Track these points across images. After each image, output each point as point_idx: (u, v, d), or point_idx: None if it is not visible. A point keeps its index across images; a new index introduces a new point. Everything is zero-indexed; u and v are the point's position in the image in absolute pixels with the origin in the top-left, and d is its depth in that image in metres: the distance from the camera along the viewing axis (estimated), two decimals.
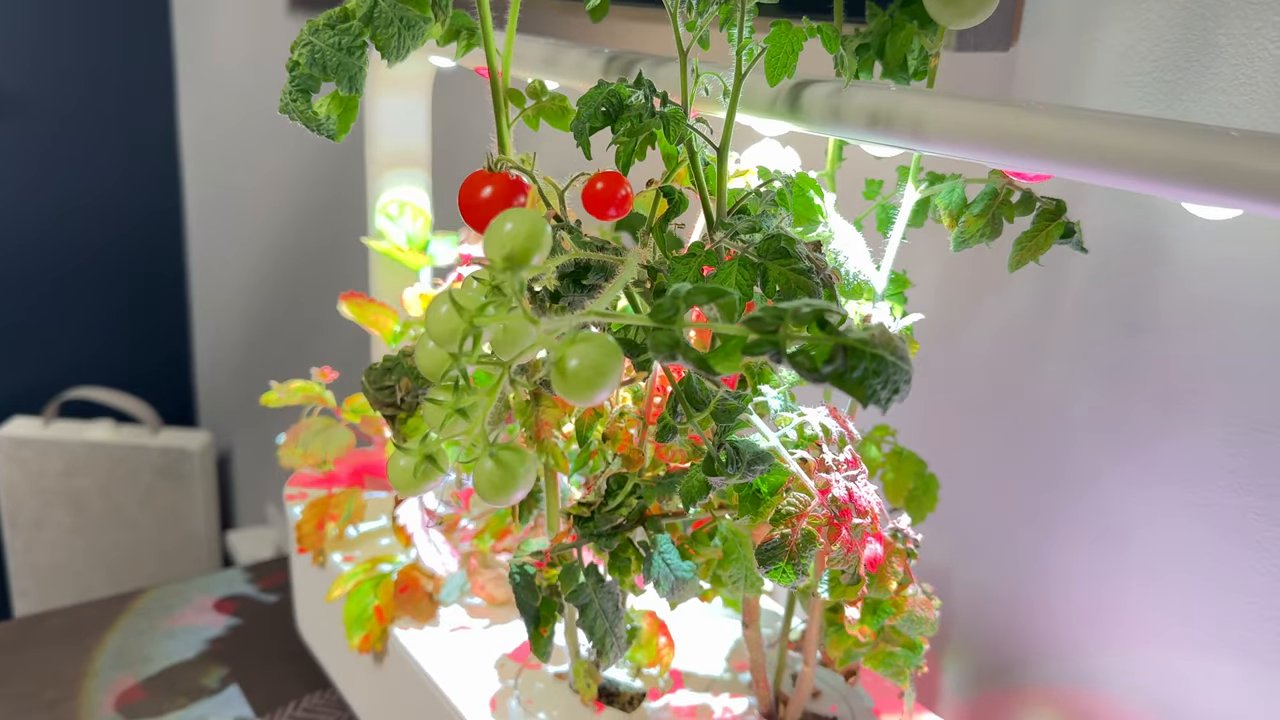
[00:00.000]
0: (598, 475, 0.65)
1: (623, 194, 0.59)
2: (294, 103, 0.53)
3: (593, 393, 0.38)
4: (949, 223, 0.57)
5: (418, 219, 1.02)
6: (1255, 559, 0.64)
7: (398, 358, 0.69)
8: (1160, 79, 0.65)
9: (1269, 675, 0.64)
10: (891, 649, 0.66)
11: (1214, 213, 0.45)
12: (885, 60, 0.53)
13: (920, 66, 0.57)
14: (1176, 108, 0.64)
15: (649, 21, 0.96)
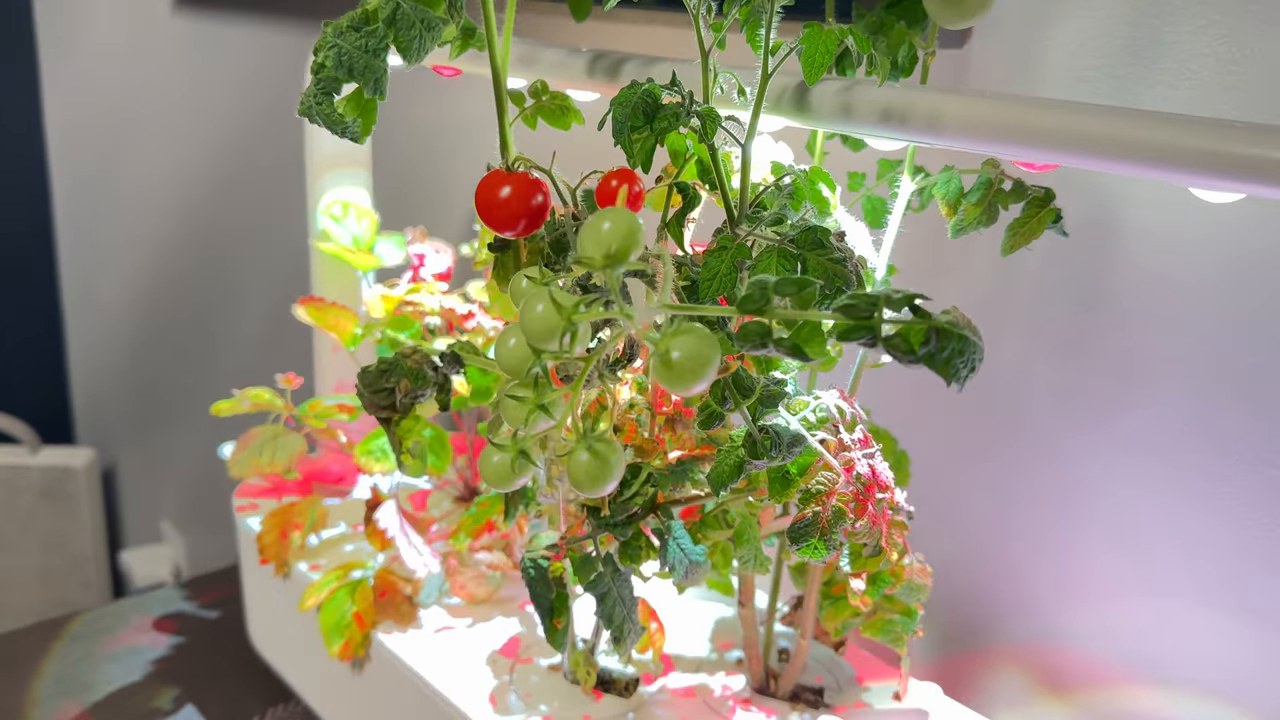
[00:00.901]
0: None
1: (637, 191, 0.61)
2: (319, 105, 0.53)
3: (696, 382, 0.39)
4: (947, 212, 0.60)
5: (363, 220, 1.00)
6: (1212, 520, 0.70)
7: (396, 359, 0.69)
8: (1110, 74, 0.70)
9: (1227, 625, 0.70)
10: (890, 616, 0.70)
11: (1218, 197, 0.50)
12: None
13: (907, 64, 0.61)
14: (1126, 101, 0.69)
15: (622, 22, 0.97)
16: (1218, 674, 0.71)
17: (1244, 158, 0.45)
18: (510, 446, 0.43)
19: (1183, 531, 0.71)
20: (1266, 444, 0.67)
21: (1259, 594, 0.69)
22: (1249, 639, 0.70)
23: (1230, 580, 0.70)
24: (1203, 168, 0.46)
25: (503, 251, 0.67)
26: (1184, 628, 0.73)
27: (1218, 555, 0.70)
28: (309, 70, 0.54)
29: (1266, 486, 0.67)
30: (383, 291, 0.92)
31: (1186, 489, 0.71)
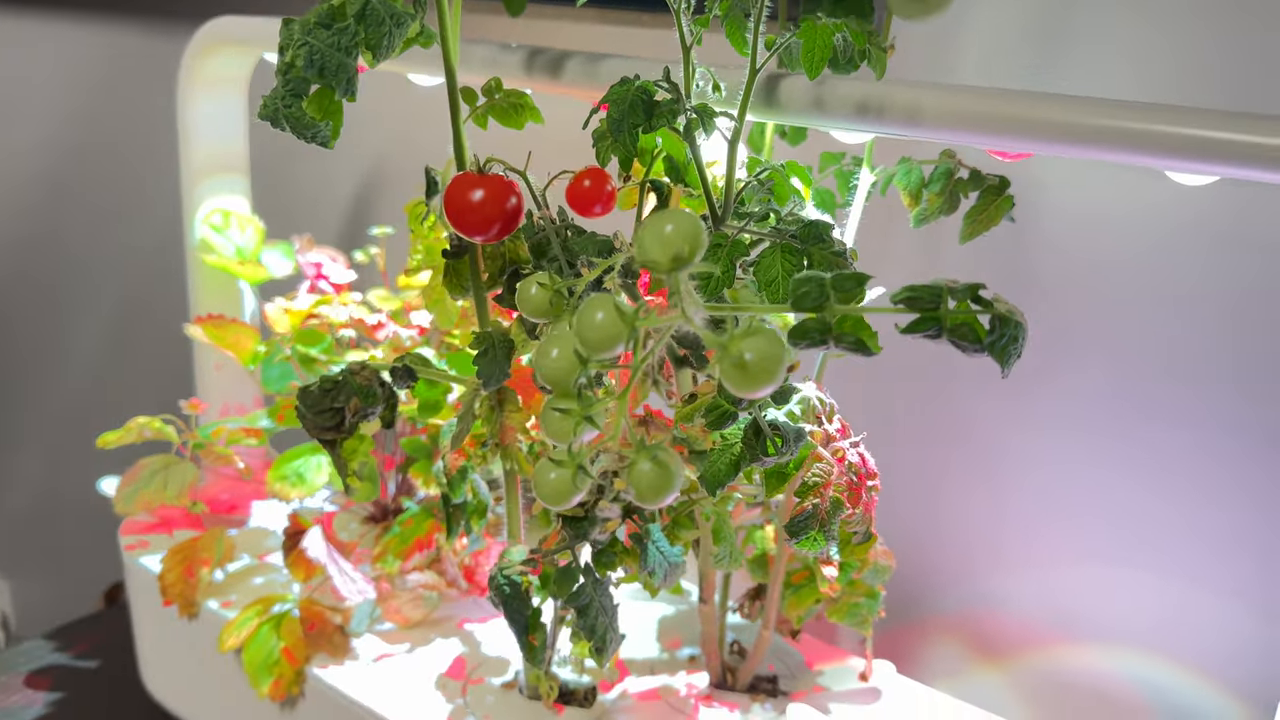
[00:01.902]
0: None
1: (609, 190, 0.59)
2: (287, 108, 0.49)
3: (769, 382, 0.39)
4: (909, 202, 0.62)
5: (246, 228, 0.94)
6: (1133, 484, 0.75)
7: (344, 377, 0.65)
8: (1025, 60, 0.73)
9: (1149, 582, 0.75)
10: (855, 600, 0.71)
11: (1190, 179, 0.53)
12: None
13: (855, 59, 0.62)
14: (1040, 86, 0.73)
15: (560, 20, 0.94)
16: (1143, 629, 0.76)
17: (1218, 142, 0.48)
18: (569, 462, 0.41)
19: (1108, 497, 0.76)
20: (1188, 411, 0.72)
21: (1180, 552, 0.74)
22: (1173, 594, 0.75)
23: (1153, 540, 0.75)
24: (1177, 152, 0.49)
25: (457, 258, 0.64)
26: (1110, 587, 0.77)
27: (1142, 518, 0.75)
28: (277, 72, 0.50)
29: (1187, 451, 0.72)
30: (285, 305, 0.87)
31: (1111, 456, 0.75)
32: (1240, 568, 0.71)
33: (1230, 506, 0.71)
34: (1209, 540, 0.72)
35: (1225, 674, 0.73)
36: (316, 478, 0.84)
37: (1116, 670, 0.78)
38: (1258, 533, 0.70)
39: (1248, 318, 0.68)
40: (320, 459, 0.85)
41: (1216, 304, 0.69)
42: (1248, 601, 0.71)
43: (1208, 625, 0.73)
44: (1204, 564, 0.73)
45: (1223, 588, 0.72)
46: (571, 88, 0.67)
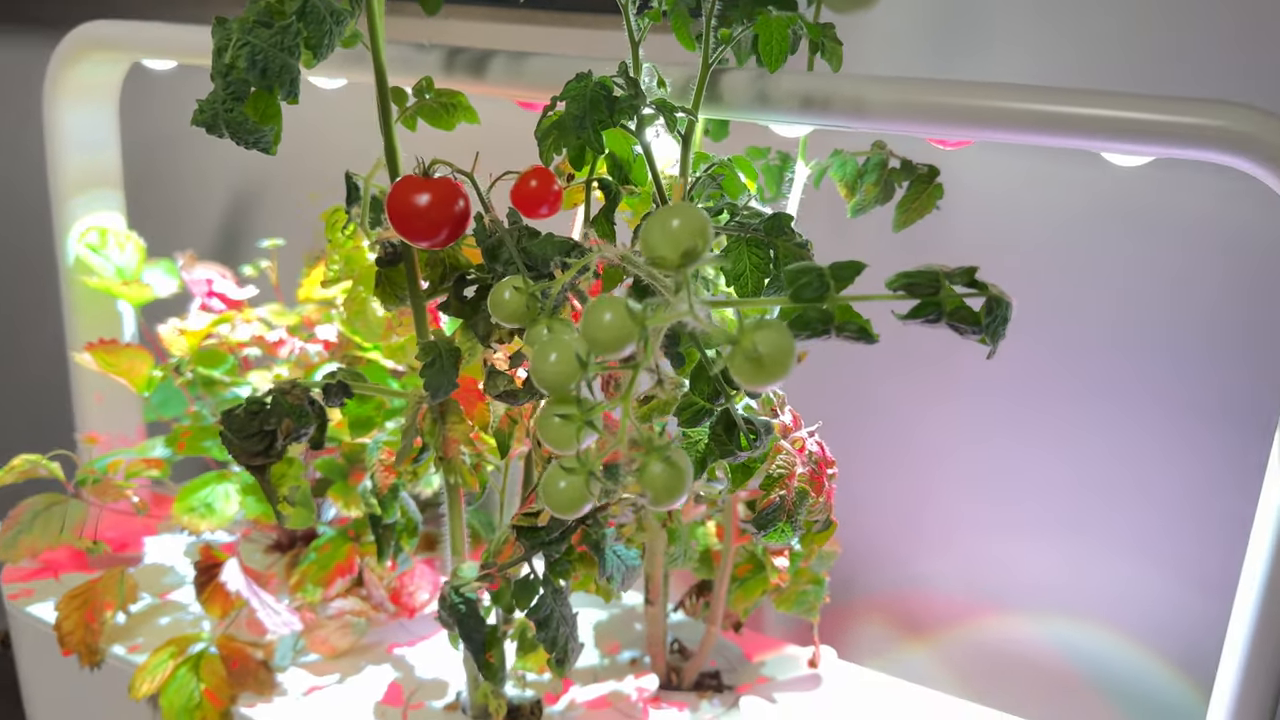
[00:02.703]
0: (531, 487, 0.63)
1: (556, 190, 0.58)
2: (228, 112, 0.46)
3: (781, 375, 0.38)
4: (846, 193, 0.63)
5: (126, 246, 0.88)
6: (1041, 454, 0.78)
7: (274, 397, 0.61)
8: (931, 45, 0.76)
9: (1068, 548, 0.79)
10: (802, 588, 0.72)
11: (1125, 160, 0.55)
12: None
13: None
14: (946, 69, 0.75)
15: (471, 20, 0.91)
16: (1059, 594, 0.80)
17: (1154, 123, 0.51)
18: (580, 469, 0.40)
19: (1017, 468, 0.79)
20: (1094, 382, 0.76)
21: (1092, 518, 0.78)
22: (1086, 560, 0.79)
23: (1080, 512, 0.78)
24: (1114, 134, 0.52)
25: (392, 266, 0.62)
26: (1027, 557, 0.81)
27: (1054, 486, 0.78)
28: (213, 72, 0.46)
29: (1095, 421, 0.76)
30: (180, 326, 0.81)
31: (1016, 429, 0.79)
32: (1175, 538, 0.75)
33: (1161, 479, 0.75)
34: (1139, 511, 0.76)
35: (1157, 640, 0.77)
36: (226, 507, 0.79)
37: (1046, 639, 0.81)
38: (1189, 504, 0.75)
39: (1176, 293, 0.72)
40: (228, 487, 0.80)
41: (1139, 280, 0.72)
42: (1181, 571, 0.75)
43: (1141, 594, 0.77)
44: (1137, 535, 0.77)
45: (1158, 558, 0.76)
46: (495, 87, 0.65)
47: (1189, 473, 0.73)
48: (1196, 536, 0.74)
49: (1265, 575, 0.54)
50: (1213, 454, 0.72)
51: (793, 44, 0.55)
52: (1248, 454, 0.71)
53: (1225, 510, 0.73)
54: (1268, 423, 0.69)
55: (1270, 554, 0.53)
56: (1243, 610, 0.56)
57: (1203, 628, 0.74)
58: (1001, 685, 0.83)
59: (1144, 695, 0.78)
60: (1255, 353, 0.69)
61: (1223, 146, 0.49)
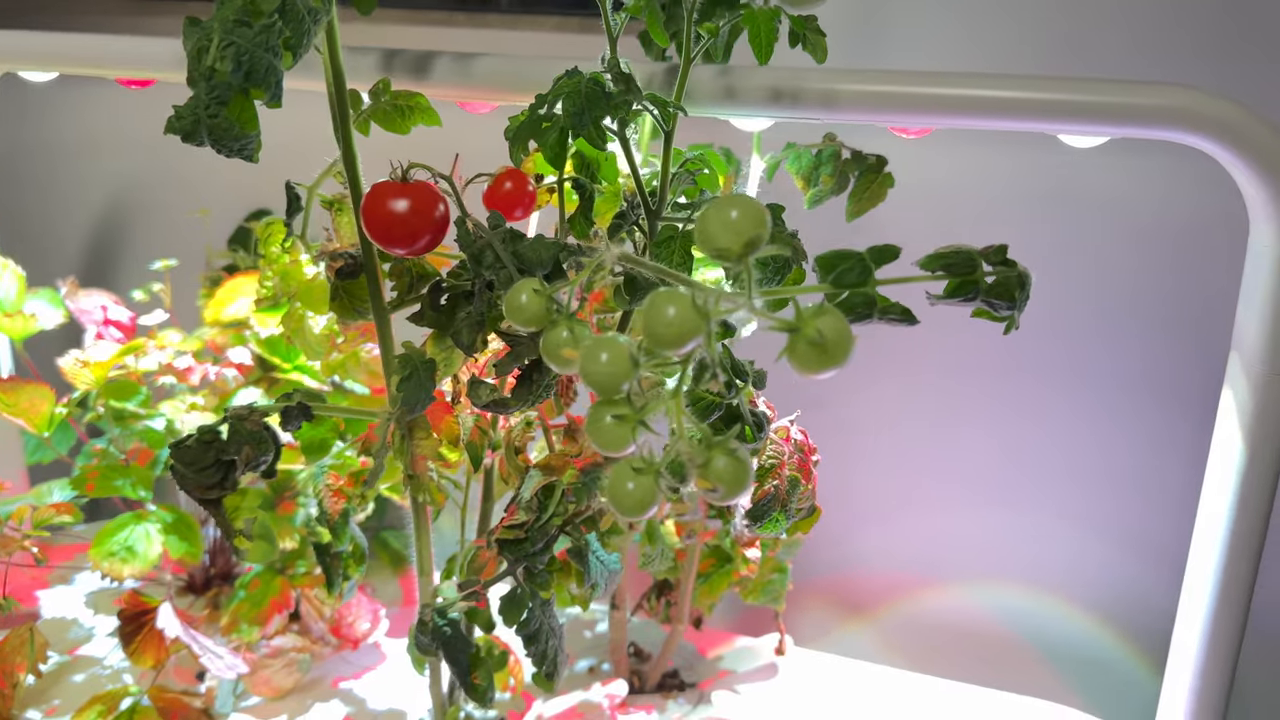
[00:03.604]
0: (511, 499, 0.61)
1: (530, 191, 0.57)
2: (211, 118, 0.43)
3: (843, 360, 0.39)
4: (803, 184, 0.64)
5: (3, 275, 0.81)
6: (973, 431, 0.82)
7: (232, 425, 0.57)
8: (848, 34, 0.78)
9: (1001, 519, 0.82)
10: (768, 577, 0.73)
11: (1080, 141, 0.58)
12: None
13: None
14: (864, 60, 0.78)
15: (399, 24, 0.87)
16: (993, 564, 0.84)
17: (1111, 105, 0.54)
18: (648, 469, 0.39)
19: (953, 446, 0.83)
20: (1023, 358, 0.80)
21: (1013, 486, 0.82)
22: (1019, 530, 0.83)
23: (998, 481, 0.82)
24: (1070, 116, 0.54)
25: (352, 278, 0.59)
26: (962, 530, 0.84)
27: (986, 461, 0.82)
28: (192, 75, 0.43)
29: (1025, 395, 0.80)
30: (82, 358, 0.75)
31: (935, 406, 0.82)
32: (1101, 503, 0.80)
33: (1090, 449, 0.79)
34: (1069, 480, 0.80)
35: (1088, 599, 0.82)
36: (149, 549, 0.73)
37: (983, 607, 0.85)
38: (1116, 471, 0.79)
39: (1100, 273, 0.76)
40: (148, 527, 0.74)
41: (1064, 261, 0.76)
42: (1110, 534, 0.80)
43: (1072, 558, 0.81)
44: (1067, 503, 0.81)
45: (1089, 524, 0.81)
46: (440, 89, 0.63)
47: (1116, 442, 0.78)
48: (1123, 501, 0.79)
49: (1224, 543, 0.57)
50: (1138, 424, 0.77)
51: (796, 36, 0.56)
52: (1173, 424, 0.76)
53: (1149, 475, 0.78)
54: (1188, 392, 0.74)
55: (1228, 523, 0.57)
56: (1199, 580, 0.60)
57: (1133, 585, 0.79)
58: (944, 655, 0.86)
59: (1077, 652, 0.82)
60: (1174, 326, 0.75)
61: (1177, 126, 0.52)
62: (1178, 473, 0.77)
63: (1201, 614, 0.60)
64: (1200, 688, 0.61)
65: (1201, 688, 0.61)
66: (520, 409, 0.55)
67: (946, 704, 0.77)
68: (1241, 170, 0.52)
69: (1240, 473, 0.56)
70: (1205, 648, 0.60)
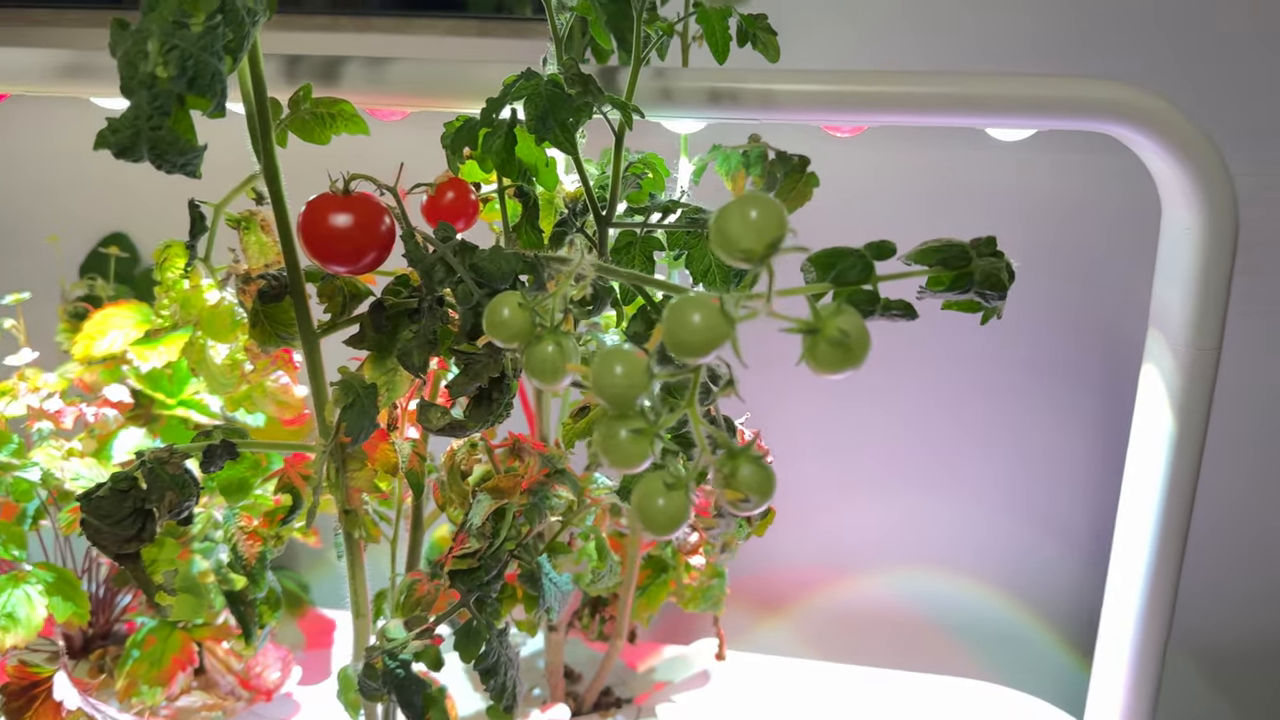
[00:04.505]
0: (459, 527, 0.58)
1: (474, 201, 0.54)
2: (154, 130, 0.38)
3: (862, 358, 0.38)
4: (732, 185, 0.63)
5: None
6: (880, 419, 0.83)
7: (150, 468, 0.52)
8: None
9: (900, 506, 0.85)
10: (707, 583, 0.72)
11: (1008, 134, 0.60)
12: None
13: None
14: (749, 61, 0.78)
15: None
16: (904, 550, 0.86)
17: (1041, 98, 0.56)
18: (679, 483, 0.37)
19: (860, 436, 0.84)
20: (907, 347, 0.82)
21: (922, 472, 0.84)
22: (921, 514, 0.85)
23: (898, 466, 0.84)
24: (1003, 110, 0.56)
25: (275, 301, 0.54)
26: (867, 518, 0.86)
27: (892, 448, 0.84)
28: (129, 84, 0.38)
29: (916, 381, 0.82)
30: None
31: (840, 394, 0.84)
32: (1027, 490, 0.83)
33: (996, 431, 0.82)
34: (976, 463, 0.83)
35: (1000, 579, 0.84)
36: (33, 614, 0.66)
37: (895, 593, 0.87)
38: (1023, 452, 0.82)
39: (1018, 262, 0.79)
40: (28, 589, 0.67)
41: None
42: (1018, 513, 0.83)
43: (983, 539, 0.84)
44: (974, 484, 0.83)
45: (995, 504, 0.83)
46: (351, 96, 0.59)
47: (1023, 425, 0.81)
48: (1029, 481, 0.82)
49: (1157, 512, 0.60)
50: (1044, 406, 0.81)
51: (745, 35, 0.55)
52: (1079, 405, 0.80)
53: (1055, 455, 0.81)
54: (1091, 374, 0.78)
55: (1160, 493, 0.60)
56: (1129, 553, 0.63)
57: (1042, 562, 0.83)
58: (867, 643, 0.87)
59: (993, 630, 0.85)
60: (1062, 311, 0.78)
61: (1102, 116, 0.55)
62: (1081, 451, 0.81)
63: (1134, 587, 0.63)
64: (1135, 663, 0.64)
65: (1136, 663, 0.64)
66: (479, 430, 0.52)
67: (875, 691, 0.79)
68: (1160, 157, 0.55)
69: (1171, 443, 0.59)
70: (1140, 619, 0.63)
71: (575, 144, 0.47)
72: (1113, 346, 0.79)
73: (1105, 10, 0.74)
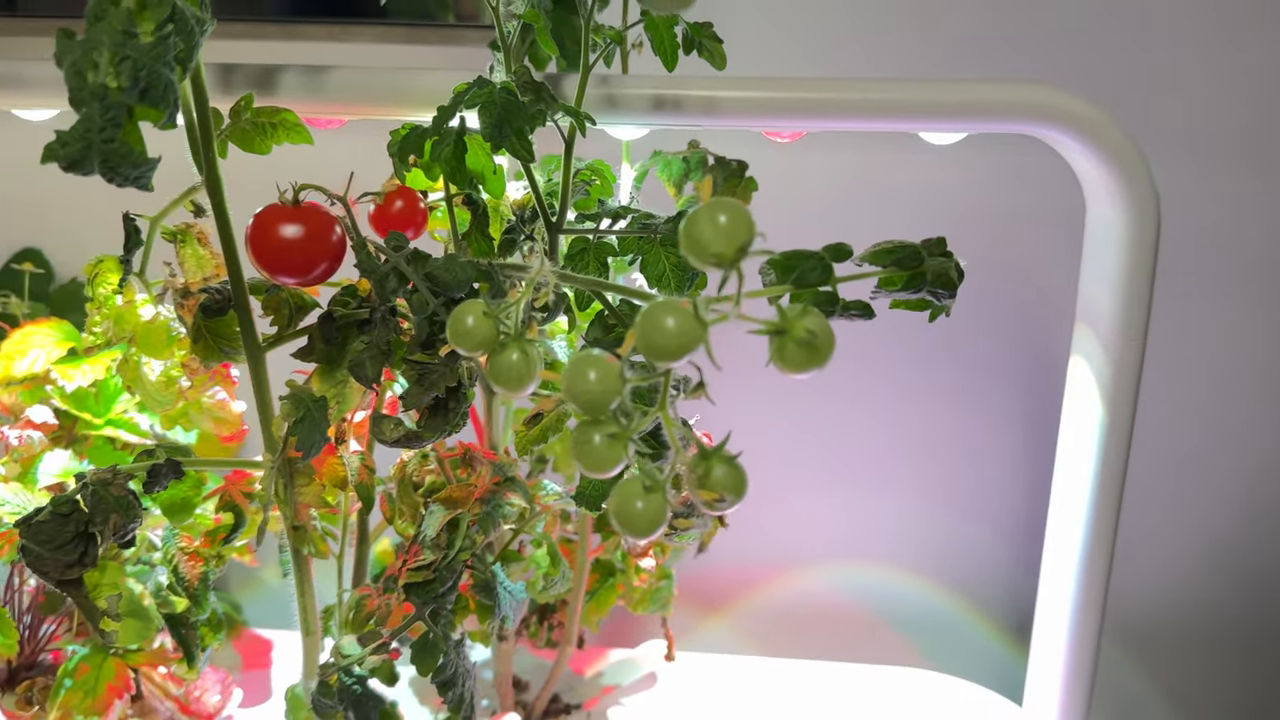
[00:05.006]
0: (412, 539, 0.57)
1: (422, 210, 0.53)
2: (106, 142, 0.37)
3: (829, 357, 0.39)
4: (674, 191, 0.64)
5: None
6: (816, 415, 0.85)
7: (94, 490, 0.50)
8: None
9: (836, 502, 0.86)
10: (656, 585, 0.72)
11: (939, 138, 0.61)
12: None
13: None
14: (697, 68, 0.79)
15: None
16: (835, 542, 0.88)
17: (972, 102, 0.58)
18: (658, 485, 0.38)
19: (795, 432, 0.86)
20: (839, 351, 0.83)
21: (857, 469, 0.86)
22: (856, 509, 0.87)
23: (831, 463, 0.86)
24: (933, 115, 0.58)
25: (219, 315, 0.53)
26: (803, 514, 0.88)
27: (815, 443, 0.86)
28: (79, 95, 0.37)
29: (846, 386, 0.84)
30: None
31: (795, 396, 0.85)
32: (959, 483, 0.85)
33: (926, 427, 0.84)
34: (922, 462, 0.85)
35: (946, 574, 0.87)
36: None
37: (835, 587, 0.88)
38: (952, 446, 0.84)
39: None
40: None
41: None
42: (954, 506, 0.85)
43: (920, 532, 0.86)
44: (920, 483, 0.86)
45: (930, 497, 0.86)
46: (288, 105, 0.58)
47: (953, 420, 0.84)
48: (961, 474, 0.85)
49: (1089, 500, 0.63)
50: (974, 401, 0.83)
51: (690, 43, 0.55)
52: (1008, 400, 0.82)
53: (985, 448, 0.84)
54: (1015, 369, 0.81)
55: (1092, 481, 0.63)
56: (1062, 543, 0.66)
57: (976, 552, 0.85)
58: (808, 638, 0.89)
59: (930, 621, 0.88)
60: (991, 308, 0.81)
61: (1032, 119, 0.57)
62: (1011, 444, 0.84)
63: (1069, 574, 0.65)
64: (1072, 648, 0.66)
65: (1073, 648, 0.66)
66: (435, 441, 0.52)
67: (821, 684, 0.80)
68: (1085, 157, 0.58)
69: (1101, 431, 0.61)
70: (1075, 605, 0.65)
71: (532, 151, 0.47)
72: (1039, 342, 0.82)
73: (1032, 15, 0.77)
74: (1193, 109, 0.78)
